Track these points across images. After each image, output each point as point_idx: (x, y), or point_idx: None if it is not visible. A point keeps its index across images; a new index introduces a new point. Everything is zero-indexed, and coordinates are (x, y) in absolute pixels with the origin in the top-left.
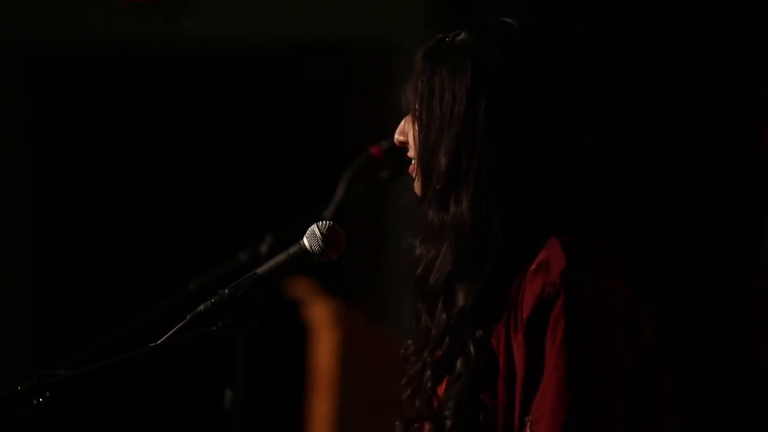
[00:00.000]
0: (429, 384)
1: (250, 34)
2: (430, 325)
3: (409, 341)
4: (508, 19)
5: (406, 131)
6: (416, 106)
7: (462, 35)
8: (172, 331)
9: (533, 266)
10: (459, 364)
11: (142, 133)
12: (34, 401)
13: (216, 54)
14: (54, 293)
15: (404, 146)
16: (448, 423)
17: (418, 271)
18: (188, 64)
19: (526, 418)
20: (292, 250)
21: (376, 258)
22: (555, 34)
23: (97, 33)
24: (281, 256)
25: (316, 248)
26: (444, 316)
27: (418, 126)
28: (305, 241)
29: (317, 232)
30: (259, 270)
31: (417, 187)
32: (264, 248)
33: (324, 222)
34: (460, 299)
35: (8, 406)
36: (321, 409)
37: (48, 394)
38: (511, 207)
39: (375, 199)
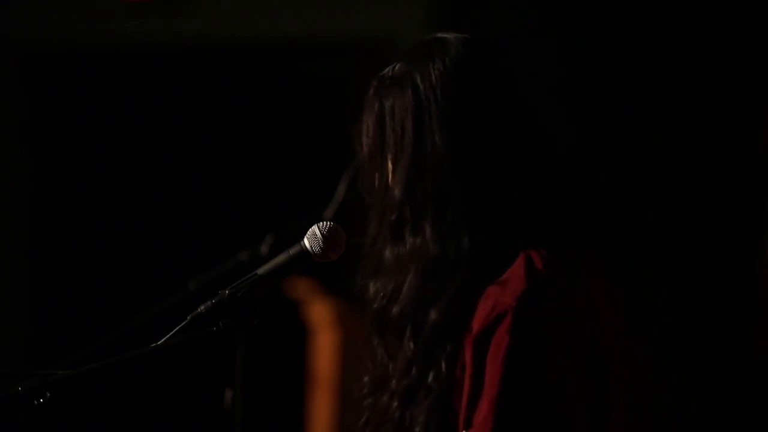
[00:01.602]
0: (396, 414)
1: (250, 34)
2: (390, 357)
3: (365, 379)
4: (441, 35)
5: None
6: (369, 146)
7: (398, 66)
8: (172, 332)
9: (494, 283)
10: (430, 379)
11: (142, 132)
12: (34, 401)
13: (216, 54)
14: (54, 293)
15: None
16: None
17: (375, 306)
18: (188, 64)
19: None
20: (293, 250)
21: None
22: (491, 43)
23: (98, 33)
24: (282, 257)
25: (316, 249)
26: (411, 343)
27: (372, 166)
28: (306, 241)
29: (318, 232)
30: (260, 270)
31: (370, 228)
32: (264, 248)
33: (324, 223)
34: (432, 317)
35: (8, 406)
36: (321, 409)
37: (48, 394)
38: (476, 222)
39: None
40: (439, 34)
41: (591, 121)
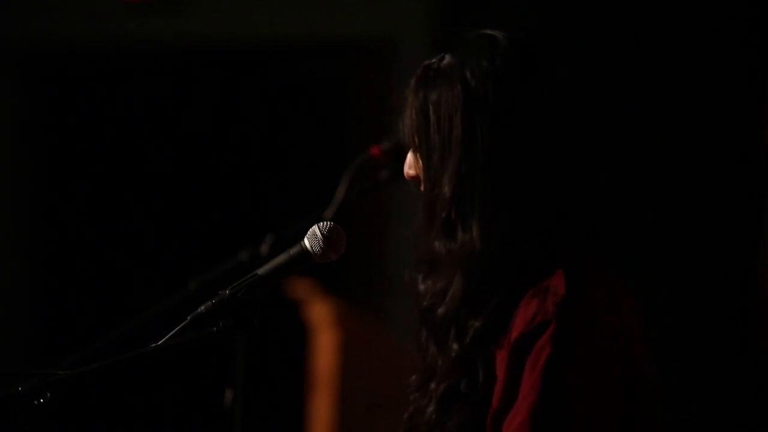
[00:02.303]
0: (432, 417)
1: (250, 34)
2: (437, 357)
3: (413, 376)
4: (490, 32)
5: (413, 164)
6: (414, 138)
7: (447, 58)
8: (173, 332)
9: (534, 290)
10: (466, 387)
11: (142, 132)
12: (34, 401)
13: (216, 54)
14: (54, 293)
15: (414, 180)
16: None
17: (424, 304)
18: (188, 64)
19: None
20: (293, 251)
21: (376, 258)
22: (539, 43)
23: (98, 33)
24: (282, 257)
25: (316, 249)
26: (455, 345)
27: (420, 158)
28: (306, 242)
29: (318, 233)
30: (260, 271)
31: (420, 218)
32: (264, 248)
33: (325, 223)
34: (475, 324)
35: (8, 406)
36: (321, 409)
37: (48, 394)
38: (522, 226)
39: (375, 200)
40: (489, 31)
41: (591, 121)
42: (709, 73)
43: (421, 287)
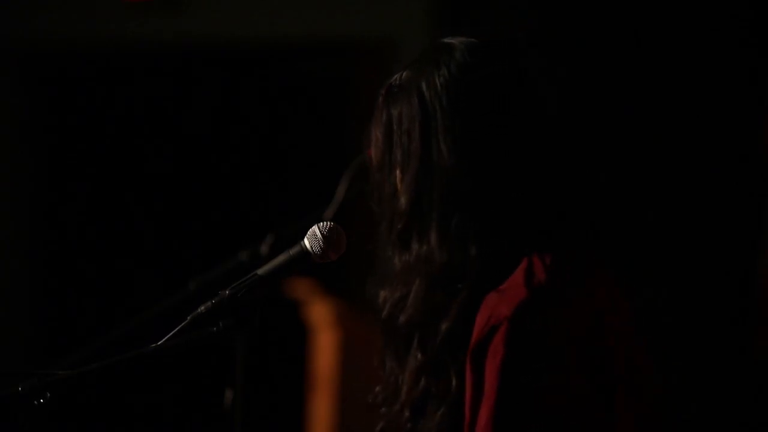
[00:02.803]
0: (408, 425)
1: (250, 34)
2: (399, 366)
3: (377, 388)
4: (448, 40)
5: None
6: (377, 157)
7: (406, 73)
8: (173, 332)
9: (494, 292)
10: (440, 389)
11: (142, 132)
12: (34, 401)
13: (216, 54)
14: (54, 293)
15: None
16: None
17: (384, 314)
18: (188, 64)
19: None
20: (293, 251)
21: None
22: (501, 45)
23: (98, 33)
24: (282, 257)
25: (316, 249)
26: (419, 353)
27: (381, 175)
28: (306, 242)
29: (318, 233)
30: (260, 271)
31: (378, 236)
32: (264, 248)
33: (325, 223)
34: (442, 327)
35: (8, 406)
36: (321, 409)
37: (48, 394)
38: (481, 229)
39: None
40: (446, 39)
41: (591, 121)
42: (709, 73)
43: (381, 298)
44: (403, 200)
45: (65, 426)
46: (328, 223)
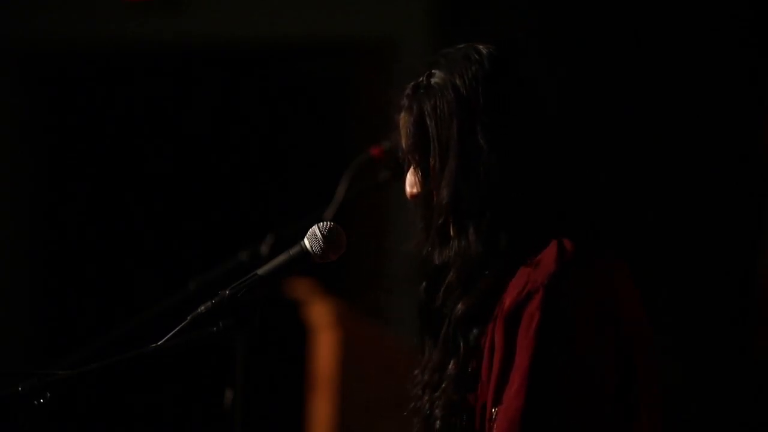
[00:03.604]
0: (426, 406)
1: (250, 34)
2: (440, 354)
3: (416, 372)
4: (477, 45)
5: (414, 182)
6: (414, 154)
7: (434, 73)
8: (173, 332)
9: (528, 263)
10: (450, 366)
11: (142, 132)
12: (34, 401)
13: (216, 54)
14: (54, 293)
15: (417, 198)
16: (437, 423)
17: (420, 304)
18: (188, 64)
19: (495, 409)
20: (293, 251)
21: (376, 258)
22: (521, 50)
23: (98, 33)
24: (282, 257)
25: (316, 249)
26: (461, 342)
27: (420, 170)
28: (306, 242)
29: (318, 233)
30: (260, 271)
31: (419, 228)
32: (264, 248)
33: (325, 223)
34: (458, 310)
35: (8, 406)
36: (321, 409)
37: (48, 394)
38: (516, 224)
39: (375, 199)
40: (468, 44)
41: (591, 121)
42: (709, 73)
43: (421, 287)
44: (444, 195)
45: (65, 426)
46: (328, 223)
